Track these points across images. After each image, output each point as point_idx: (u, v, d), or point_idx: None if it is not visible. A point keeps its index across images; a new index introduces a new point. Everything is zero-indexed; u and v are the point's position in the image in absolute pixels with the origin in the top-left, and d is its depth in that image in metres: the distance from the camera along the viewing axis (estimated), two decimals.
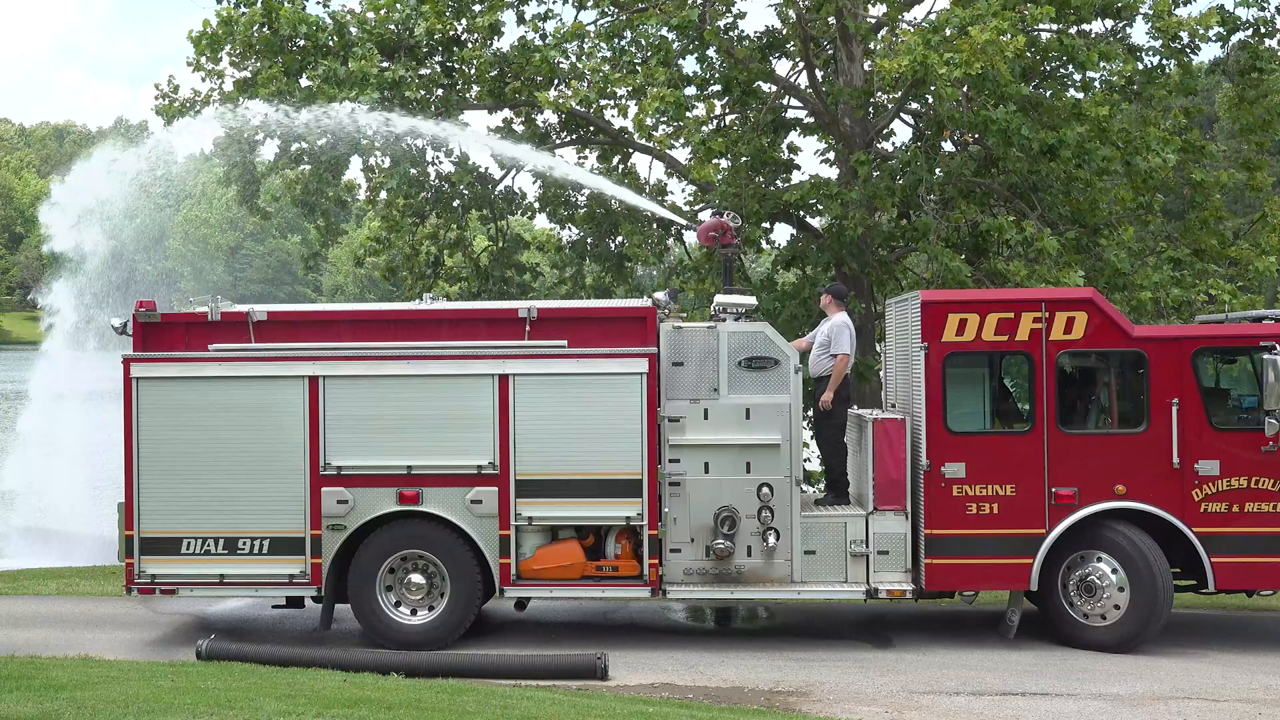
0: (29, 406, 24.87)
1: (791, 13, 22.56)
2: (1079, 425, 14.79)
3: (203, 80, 24.33)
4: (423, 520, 14.78)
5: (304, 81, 23.00)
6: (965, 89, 20.37)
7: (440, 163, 26.01)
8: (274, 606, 15.75)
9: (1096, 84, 22.45)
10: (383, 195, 26.65)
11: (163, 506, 14.90)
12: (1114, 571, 14.46)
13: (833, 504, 15.42)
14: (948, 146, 23.30)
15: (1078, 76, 22.94)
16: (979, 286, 20.76)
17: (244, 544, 14.81)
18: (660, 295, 15.22)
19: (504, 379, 14.70)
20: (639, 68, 22.38)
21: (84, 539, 22.69)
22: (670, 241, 26.38)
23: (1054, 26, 21.49)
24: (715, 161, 22.59)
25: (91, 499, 23.88)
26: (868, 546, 14.68)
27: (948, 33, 19.24)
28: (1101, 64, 21.14)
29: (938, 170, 21.89)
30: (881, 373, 17.82)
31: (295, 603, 15.47)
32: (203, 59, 24.13)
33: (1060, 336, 14.59)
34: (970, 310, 14.76)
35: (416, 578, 14.81)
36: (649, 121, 21.28)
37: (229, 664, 13.37)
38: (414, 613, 14.86)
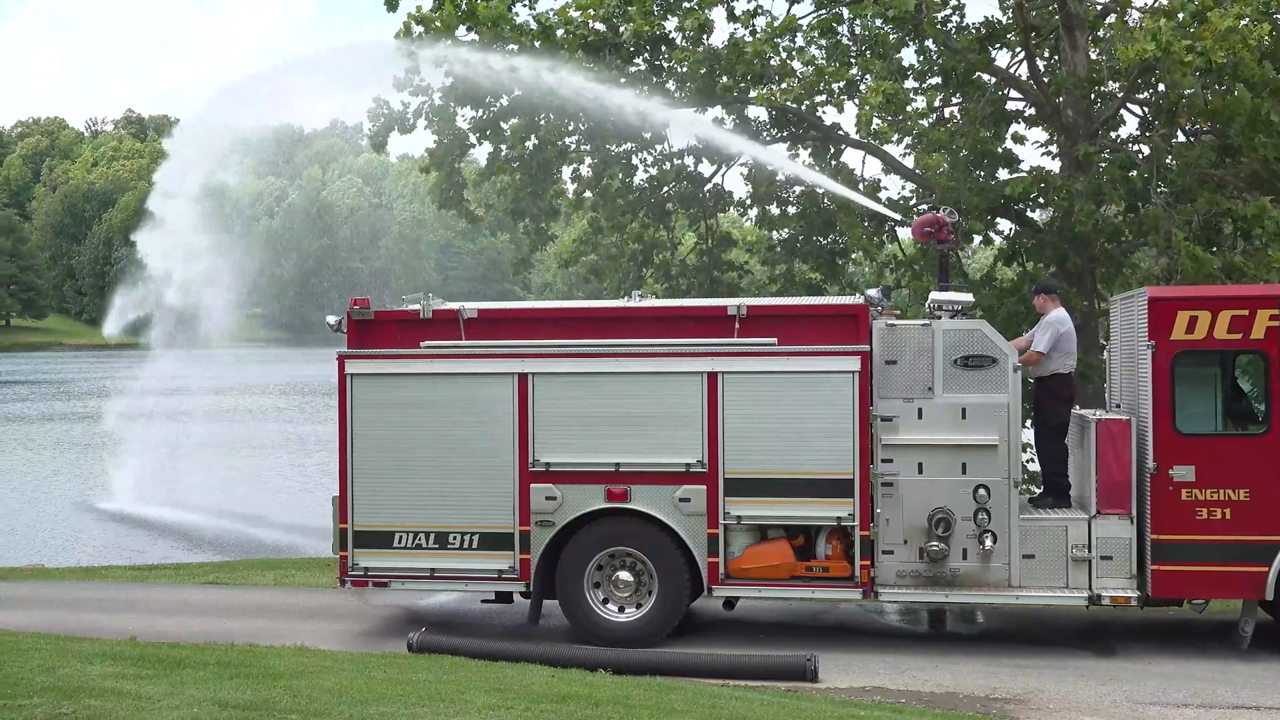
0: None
1: (1012, 1, 22.02)
2: None
3: (412, 87, 24.68)
4: (631, 518, 14.70)
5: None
6: (1199, 74, 19.57)
7: (648, 165, 26.08)
8: (483, 601, 15.87)
9: None
10: (587, 195, 26.79)
11: (376, 500, 15.12)
12: None
13: (1052, 507, 14.91)
14: (1179, 136, 22.42)
15: None
16: (1214, 281, 19.84)
17: (454, 538, 14.94)
18: (873, 292, 14.88)
19: (713, 377, 14.53)
20: (854, 60, 22.04)
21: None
22: (884, 238, 25.96)
23: None
24: (935, 154, 22.16)
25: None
26: (1090, 551, 14.13)
27: (1180, 17, 18.52)
28: None
29: (1170, 160, 21.03)
30: (1106, 372, 17.17)
31: (504, 598, 15.53)
32: (406, 73, 24.45)
33: None
34: (1201, 307, 14.04)
35: (624, 575, 14.74)
36: (875, 121, 21.02)
37: (439, 657, 13.47)
38: (621, 610, 14.79)
